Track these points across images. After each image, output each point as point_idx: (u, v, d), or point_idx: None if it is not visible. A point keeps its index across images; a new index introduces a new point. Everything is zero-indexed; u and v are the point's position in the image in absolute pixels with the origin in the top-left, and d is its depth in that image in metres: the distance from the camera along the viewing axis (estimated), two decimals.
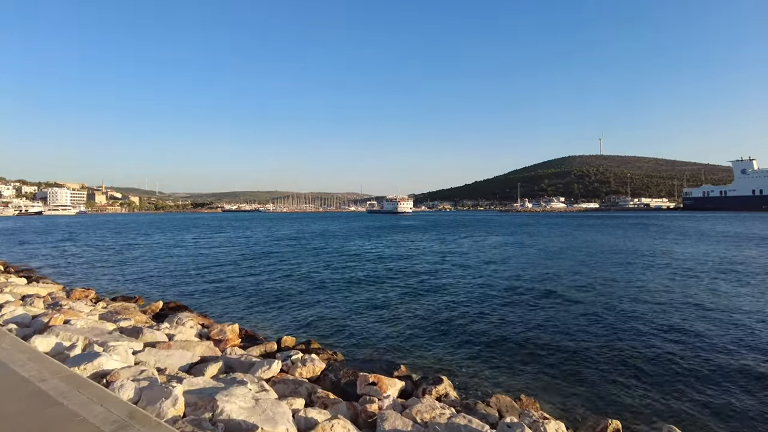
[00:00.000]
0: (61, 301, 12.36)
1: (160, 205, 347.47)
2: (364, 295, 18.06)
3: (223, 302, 16.99)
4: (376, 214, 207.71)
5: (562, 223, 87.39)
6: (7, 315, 9.62)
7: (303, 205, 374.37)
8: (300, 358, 8.37)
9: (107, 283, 21.22)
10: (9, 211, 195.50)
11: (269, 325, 13.45)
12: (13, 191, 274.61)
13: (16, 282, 16.22)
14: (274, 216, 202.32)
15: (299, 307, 15.85)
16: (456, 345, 11.22)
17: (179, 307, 14.16)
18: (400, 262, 28.95)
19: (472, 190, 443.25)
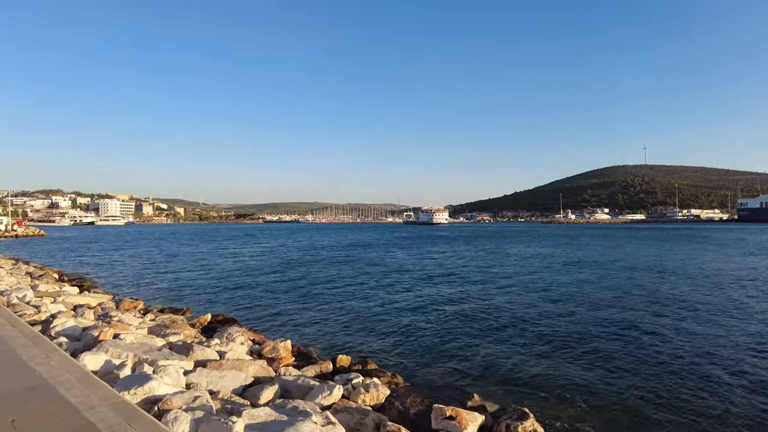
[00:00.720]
0: (111, 312, 12.10)
1: (204, 216, 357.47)
2: (412, 308, 17.22)
3: (268, 314, 16.53)
4: (412, 225, 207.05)
5: (609, 235, 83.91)
6: (59, 327, 9.32)
7: (341, 216, 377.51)
8: (361, 382, 7.62)
9: (154, 293, 21.22)
10: (65, 221, 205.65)
11: (318, 341, 12.82)
12: (69, 202, 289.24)
13: (69, 291, 16.25)
14: (313, 227, 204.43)
15: (347, 321, 15.18)
16: (525, 369, 10.21)
17: (227, 320, 13.73)
18: (445, 274, 27.93)
19: (512, 200, 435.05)
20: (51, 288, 17.10)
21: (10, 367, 5.93)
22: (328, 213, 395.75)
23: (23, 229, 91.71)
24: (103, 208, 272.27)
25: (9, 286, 14.89)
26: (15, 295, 12.59)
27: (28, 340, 7.30)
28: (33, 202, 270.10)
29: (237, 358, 8.56)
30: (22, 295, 12.77)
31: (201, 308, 17.38)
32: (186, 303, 18.77)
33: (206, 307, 17.78)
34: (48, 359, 6.25)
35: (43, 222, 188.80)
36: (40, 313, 10.72)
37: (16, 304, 11.48)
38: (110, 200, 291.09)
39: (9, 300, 12.19)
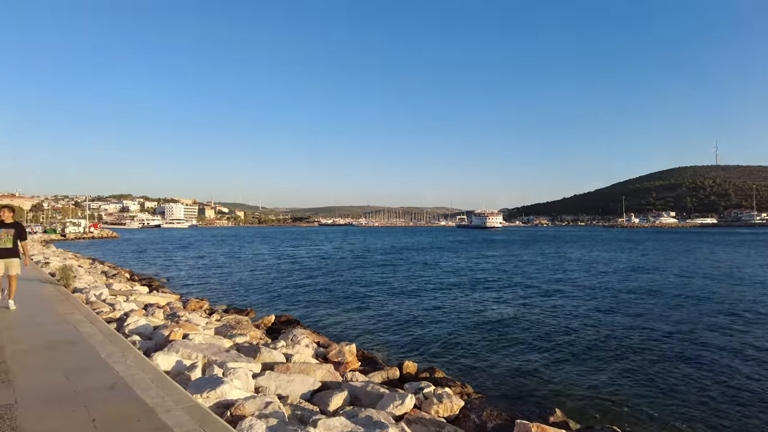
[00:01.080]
0: (179, 312, 12.38)
1: (263, 219, 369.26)
2: (473, 313, 16.62)
3: (327, 315, 16.46)
4: (465, 228, 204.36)
5: (678, 239, 79.00)
6: (132, 325, 9.56)
7: (393, 219, 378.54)
8: (433, 392, 7.25)
9: (217, 293, 21.76)
10: (134, 224, 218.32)
11: (380, 345, 12.53)
12: (138, 206, 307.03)
13: (140, 290, 16.88)
14: (366, 230, 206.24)
15: (407, 325, 14.82)
16: (603, 382, 9.46)
17: (290, 321, 13.74)
18: (505, 279, 26.98)
19: (571, 204, 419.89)
20: (123, 287, 17.86)
21: (91, 364, 6.02)
22: (381, 216, 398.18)
23: (98, 231, 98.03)
24: (169, 211, 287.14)
25: (87, 285, 15.63)
26: (93, 293, 13.16)
27: (105, 337, 7.45)
28: (106, 206, 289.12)
29: (303, 361, 8.41)
30: (98, 293, 13.32)
31: (263, 309, 17.59)
32: (248, 303, 19.07)
33: (268, 308, 17.99)
34: (124, 357, 6.31)
35: (115, 225, 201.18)
36: (114, 311, 11.09)
37: (93, 302, 11.96)
38: (175, 204, 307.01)
39: (87, 297, 12.73)
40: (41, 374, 5.60)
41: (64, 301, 10.80)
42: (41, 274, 16.47)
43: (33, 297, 11.32)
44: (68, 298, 11.23)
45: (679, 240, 76.75)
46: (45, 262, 22.20)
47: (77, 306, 10.13)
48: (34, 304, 10.32)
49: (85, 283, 16.31)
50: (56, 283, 14.16)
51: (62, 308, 9.88)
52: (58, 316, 9.03)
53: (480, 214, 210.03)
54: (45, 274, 16.96)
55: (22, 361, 6.09)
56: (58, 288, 12.98)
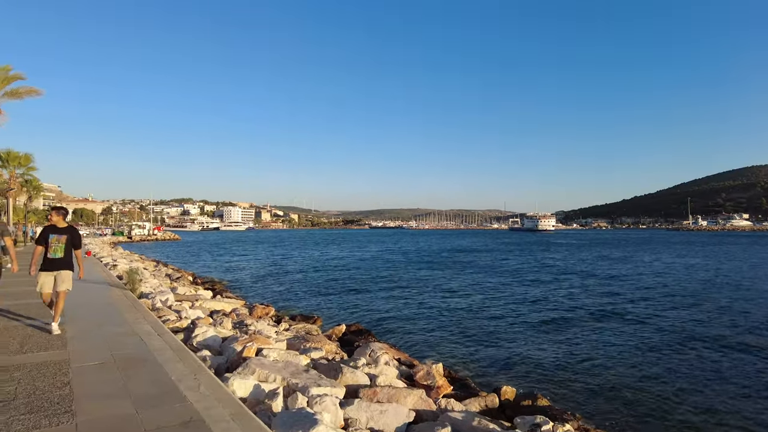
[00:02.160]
0: (246, 320, 11.68)
1: (316, 222, 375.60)
2: (550, 323, 15.04)
3: (396, 324, 15.41)
4: (517, 232, 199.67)
5: (755, 243, 72.62)
6: (200, 337, 8.86)
7: (444, 222, 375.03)
8: (552, 429, 5.99)
9: (280, 298, 21.24)
10: (195, 226, 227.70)
11: (463, 362, 11.30)
12: (198, 209, 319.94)
13: (204, 295, 16.50)
14: (416, 232, 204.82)
15: (484, 338, 13.50)
16: (735, 410, 7.83)
17: (361, 331, 12.76)
18: (575, 284, 24.95)
19: (632, 205, 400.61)
20: (188, 290, 17.58)
21: (162, 389, 5.20)
22: (431, 219, 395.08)
23: (162, 233, 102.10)
24: (227, 214, 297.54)
25: (153, 289, 15.35)
26: (158, 298, 12.73)
27: (174, 353, 6.70)
28: (169, 210, 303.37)
29: (389, 384, 7.34)
30: (164, 299, 12.88)
31: (328, 315, 16.80)
32: (310, 307, 18.41)
33: (332, 314, 17.19)
34: (197, 382, 5.45)
35: (177, 227, 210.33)
36: (181, 319, 10.49)
37: (160, 308, 11.46)
38: (233, 207, 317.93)
39: (153, 303, 12.28)
40: (107, 403, 4.81)
41: (131, 307, 10.29)
42: (110, 277, 16.38)
43: (101, 302, 10.91)
44: (135, 304, 10.73)
45: (756, 243, 70.56)
46: (113, 264, 22.48)
47: (144, 314, 9.55)
48: (102, 311, 9.85)
49: (151, 287, 16.07)
50: (123, 287, 13.88)
51: (130, 316, 9.32)
52: (126, 325, 8.43)
53: (532, 216, 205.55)
54: (113, 277, 16.89)
55: (88, 384, 5.35)
56: (125, 293, 12.62)
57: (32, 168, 42.91)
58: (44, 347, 6.82)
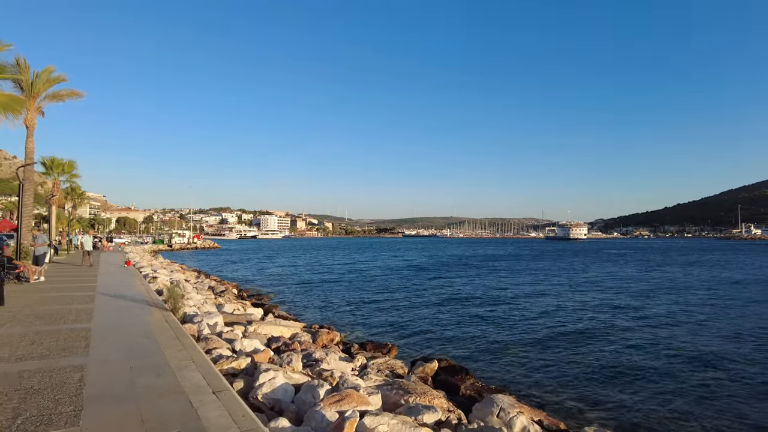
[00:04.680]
0: (313, 352, 9.19)
1: (349, 230, 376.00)
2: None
3: (487, 356, 12.62)
4: (551, 240, 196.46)
5: None
6: (266, 387, 6.40)
7: (479, 230, 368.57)
8: None
9: (334, 314, 18.81)
10: (233, 235, 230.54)
11: (579, 412, 8.46)
12: (236, 218, 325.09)
13: (255, 315, 14.20)
14: (452, 241, 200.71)
15: (598, 374, 10.56)
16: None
17: (453, 367, 10.04)
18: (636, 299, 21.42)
19: (675, 213, 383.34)
20: (235, 307, 15.35)
21: None
22: (466, 227, 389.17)
23: (201, 241, 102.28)
24: (264, 223, 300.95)
25: (198, 308, 13.13)
26: (205, 321, 10.40)
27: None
28: (207, 219, 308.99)
29: None
30: (212, 323, 10.56)
31: (392, 335, 14.22)
32: (368, 325, 15.95)
33: (398, 335, 14.62)
34: None
35: (215, 235, 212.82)
36: (236, 355, 8.02)
37: (208, 337, 9.09)
38: (269, 216, 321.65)
39: (200, 329, 9.96)
40: None
41: (173, 340, 7.93)
42: (148, 294, 14.26)
43: (136, 331, 8.61)
44: (178, 334, 8.38)
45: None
46: (153, 276, 20.58)
47: (191, 351, 7.16)
48: (136, 346, 7.52)
49: (195, 304, 13.87)
50: (164, 307, 11.66)
51: (172, 355, 6.94)
52: (167, 374, 6.02)
53: (564, 225, 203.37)
54: (152, 292, 14.78)
55: None
56: (166, 315, 10.35)
57: (75, 175, 42.32)
58: (52, 421, 4.44)
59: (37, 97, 24.31)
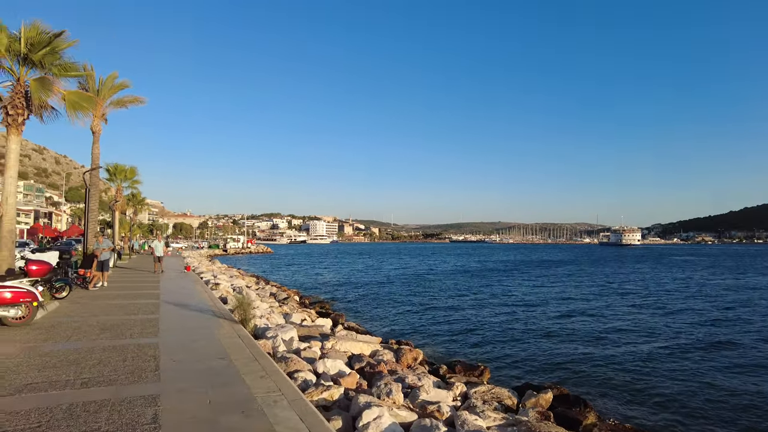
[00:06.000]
0: (407, 377, 7.89)
1: (396, 236, 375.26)
2: None
3: (578, 377, 10.95)
4: (605, 246, 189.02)
5: None
6: (373, 429, 5.12)
7: (529, 236, 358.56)
8: None
9: (407, 325, 17.52)
10: (283, 240, 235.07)
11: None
12: (286, 223, 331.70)
13: (324, 326, 13.09)
14: (501, 247, 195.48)
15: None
16: None
17: (567, 397, 8.48)
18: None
19: (742, 217, 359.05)
20: (301, 316, 14.34)
21: None
22: (515, 233, 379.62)
23: (255, 246, 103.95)
24: (313, 228, 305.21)
25: (267, 319, 12.16)
26: (280, 336, 9.32)
27: None
28: (259, 224, 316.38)
29: None
30: (287, 338, 9.48)
31: (476, 356, 12.73)
32: (442, 342, 14.60)
33: (478, 353, 13.14)
34: None
35: (267, 240, 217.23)
36: (329, 388, 6.69)
37: (288, 357, 7.95)
38: (318, 221, 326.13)
39: (275, 346, 8.88)
40: None
41: (253, 362, 6.84)
42: (214, 302, 13.46)
43: (209, 349, 7.60)
44: (257, 355, 7.29)
45: None
46: (215, 282, 20.01)
47: (277, 381, 6.02)
48: (210, 368, 6.47)
49: (261, 313, 12.92)
50: (232, 318, 10.73)
51: (256, 383, 5.82)
52: (258, 414, 4.86)
53: (616, 230, 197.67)
54: (217, 300, 14.00)
55: None
56: (237, 329, 9.37)
57: (137, 181, 43.19)
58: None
59: (103, 103, 24.47)
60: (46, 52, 12.05)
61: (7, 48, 11.70)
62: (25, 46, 11.83)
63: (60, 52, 12.38)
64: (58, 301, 12.64)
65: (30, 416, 4.57)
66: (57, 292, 12.86)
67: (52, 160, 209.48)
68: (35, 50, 11.93)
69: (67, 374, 6.00)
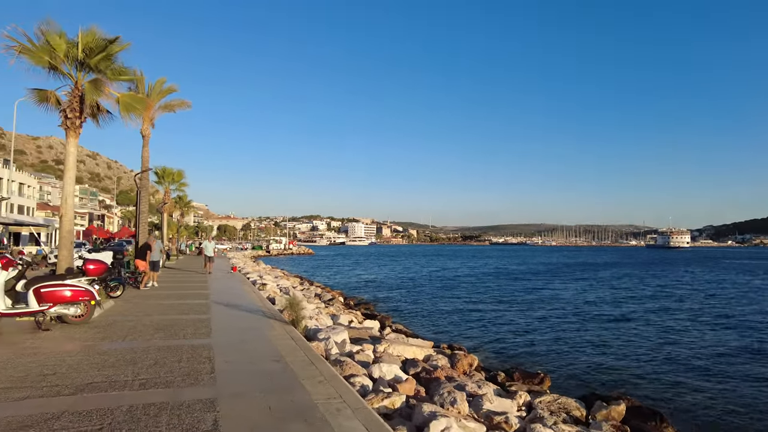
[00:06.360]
0: (467, 385, 7.49)
1: (434, 238, 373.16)
2: None
3: (647, 386, 10.19)
4: (652, 249, 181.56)
5: None
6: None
7: (572, 238, 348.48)
8: None
9: (450, 329, 17.04)
10: (323, 241, 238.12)
11: None
12: (325, 225, 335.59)
13: (372, 328, 12.81)
14: (544, 249, 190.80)
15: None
16: None
17: (641, 410, 7.83)
18: None
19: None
20: (348, 317, 14.13)
21: None
22: (558, 235, 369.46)
23: (296, 248, 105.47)
24: (351, 230, 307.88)
25: (315, 320, 11.98)
26: (332, 338, 9.07)
27: None
28: (299, 226, 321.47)
29: None
30: (339, 340, 9.23)
31: (531, 361, 12.14)
32: (492, 346, 14.03)
33: (533, 359, 12.54)
34: None
35: (307, 242, 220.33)
36: (388, 395, 6.37)
37: (342, 361, 7.69)
38: (356, 223, 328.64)
39: (327, 348, 8.64)
40: None
41: (309, 366, 6.60)
42: (262, 303, 13.42)
43: (265, 352, 7.42)
44: (312, 359, 7.05)
45: None
46: (261, 283, 20.13)
47: (337, 386, 5.73)
48: (271, 376, 6.26)
49: (309, 314, 12.76)
50: (282, 319, 10.59)
51: (315, 389, 5.55)
52: (321, 423, 4.57)
53: (663, 232, 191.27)
54: (266, 301, 13.97)
55: None
56: (288, 330, 9.20)
57: (184, 184, 44.40)
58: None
59: (152, 107, 25.13)
60: (101, 57, 12.32)
61: (65, 53, 12.02)
62: (82, 52, 12.13)
63: (113, 56, 12.62)
64: (112, 300, 12.89)
65: (92, 417, 4.46)
66: (111, 291, 13.14)
67: (104, 165, 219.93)
68: (92, 55, 12.22)
69: (125, 374, 5.92)
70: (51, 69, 12.18)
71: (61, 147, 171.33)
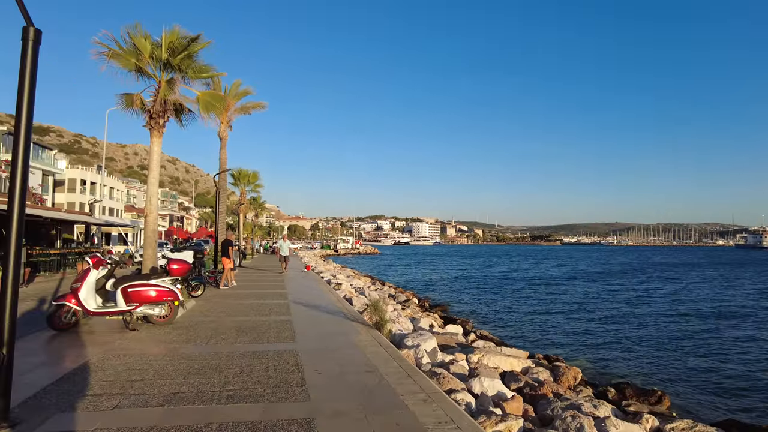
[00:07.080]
0: (581, 404, 6.48)
1: (501, 237, 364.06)
2: None
3: None
4: (742, 249, 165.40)
5: None
6: None
7: (650, 237, 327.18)
8: None
9: (538, 337, 15.82)
10: (388, 241, 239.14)
11: None
12: (389, 225, 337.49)
13: (456, 333, 11.98)
14: (618, 249, 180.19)
15: None
16: None
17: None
18: None
19: None
20: (429, 322, 13.36)
21: None
22: (634, 234, 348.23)
23: (363, 247, 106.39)
24: (415, 230, 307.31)
25: (398, 323, 11.32)
26: (422, 346, 8.35)
27: None
28: (364, 226, 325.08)
29: None
30: (429, 348, 8.52)
31: (636, 374, 10.80)
32: (588, 356, 12.67)
33: (634, 371, 11.18)
34: None
35: (372, 242, 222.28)
36: (502, 418, 5.52)
37: (437, 372, 6.95)
38: (420, 223, 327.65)
39: (417, 357, 7.93)
40: None
41: (406, 379, 5.90)
42: (341, 304, 12.96)
43: (354, 360, 6.82)
44: (408, 370, 6.33)
45: None
46: (336, 283, 19.85)
47: (444, 406, 4.98)
48: (366, 390, 5.62)
49: (392, 318, 12.11)
50: (365, 321, 10.02)
51: (419, 408, 4.84)
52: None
53: (754, 231, 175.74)
54: (344, 302, 13.51)
55: None
56: (376, 337, 8.57)
57: (259, 185, 45.55)
58: None
59: (230, 107, 25.67)
60: (183, 56, 12.36)
61: (150, 54, 12.14)
62: (166, 52, 12.21)
63: (195, 54, 12.62)
64: (193, 299, 12.92)
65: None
66: (193, 291, 13.18)
67: (182, 169, 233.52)
68: (174, 55, 12.28)
69: (212, 383, 5.50)
70: (137, 71, 12.36)
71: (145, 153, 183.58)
